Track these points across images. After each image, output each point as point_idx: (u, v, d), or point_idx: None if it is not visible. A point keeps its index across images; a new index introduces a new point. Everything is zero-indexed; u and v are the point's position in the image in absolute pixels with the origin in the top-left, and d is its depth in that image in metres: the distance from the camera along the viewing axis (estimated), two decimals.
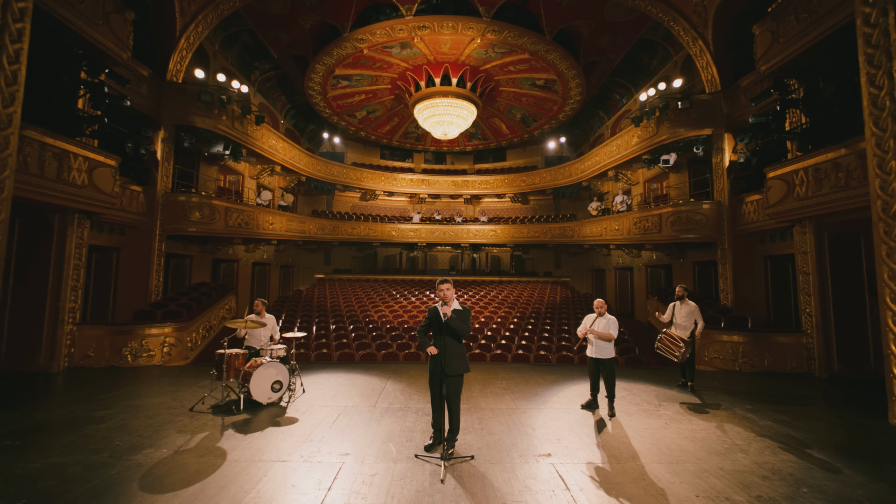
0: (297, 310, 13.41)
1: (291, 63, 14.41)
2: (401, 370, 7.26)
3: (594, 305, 5.23)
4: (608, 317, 5.11)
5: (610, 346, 5.05)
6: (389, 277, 19.30)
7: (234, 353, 5.19)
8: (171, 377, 6.64)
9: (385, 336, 10.42)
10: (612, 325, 5.04)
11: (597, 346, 5.07)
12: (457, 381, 3.78)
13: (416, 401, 5.40)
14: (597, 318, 5.15)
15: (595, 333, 5.04)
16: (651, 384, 6.46)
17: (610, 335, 4.99)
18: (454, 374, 3.72)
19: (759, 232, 9.28)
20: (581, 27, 12.52)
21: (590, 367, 5.22)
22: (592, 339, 5.11)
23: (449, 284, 3.80)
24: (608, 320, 5.08)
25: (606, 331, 5.02)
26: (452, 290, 3.83)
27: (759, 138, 8.64)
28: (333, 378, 6.59)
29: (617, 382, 5.01)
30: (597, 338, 5.06)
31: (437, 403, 3.80)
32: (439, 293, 3.78)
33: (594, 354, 5.09)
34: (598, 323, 5.14)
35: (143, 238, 9.50)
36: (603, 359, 5.05)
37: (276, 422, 4.48)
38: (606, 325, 5.06)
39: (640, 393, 5.90)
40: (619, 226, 13.73)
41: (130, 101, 8.86)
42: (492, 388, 6.04)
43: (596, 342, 5.08)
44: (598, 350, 5.07)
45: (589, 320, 5.21)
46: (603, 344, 5.05)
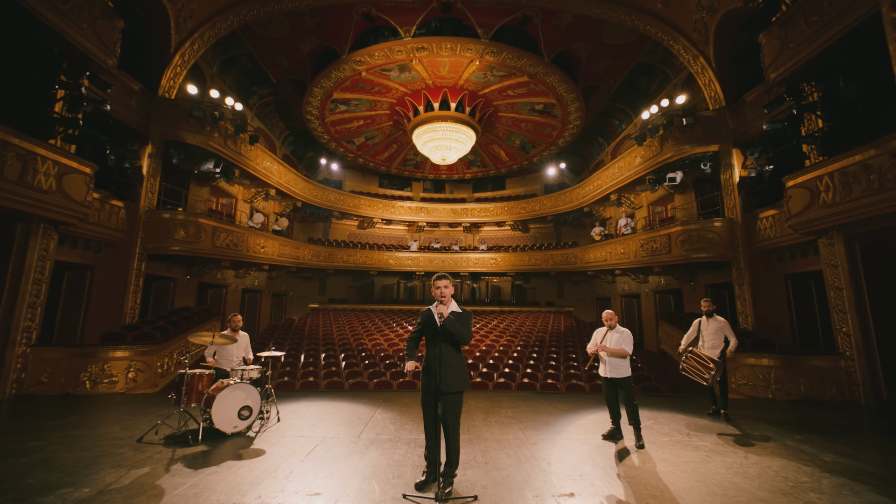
0: (286, 338, 12.61)
1: (290, 88, 14.39)
2: (393, 398, 6.46)
3: (603, 318, 4.60)
4: (621, 330, 4.47)
5: (625, 364, 4.38)
6: (386, 307, 18.56)
7: (198, 374, 4.47)
8: (132, 405, 5.84)
9: (378, 364, 9.60)
10: (626, 339, 4.41)
11: (610, 364, 4.40)
12: (455, 400, 3.08)
13: (409, 430, 4.62)
14: (608, 333, 4.51)
15: (607, 350, 4.41)
16: (676, 412, 5.66)
17: (624, 351, 4.36)
18: (451, 390, 3.03)
19: (778, 249, 8.72)
20: (579, 51, 12.55)
21: (605, 390, 4.53)
22: (605, 356, 4.45)
23: (447, 281, 3.19)
24: (621, 334, 4.45)
25: (619, 346, 4.40)
26: (451, 288, 3.21)
27: (771, 149, 8.27)
28: (316, 406, 5.79)
29: (639, 411, 4.27)
30: (610, 354, 4.41)
31: (432, 429, 3.08)
32: (435, 291, 3.16)
33: (608, 374, 4.42)
34: (609, 338, 4.50)
35: (121, 257, 8.91)
36: (619, 378, 4.38)
37: (237, 454, 3.71)
38: (619, 339, 4.43)
39: (666, 422, 5.12)
40: (625, 249, 13.19)
41: (118, 115, 8.61)
42: (496, 417, 5.26)
43: (609, 360, 4.42)
44: (612, 368, 4.40)
45: (599, 335, 4.56)
46: (617, 361, 4.39)
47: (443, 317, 3.01)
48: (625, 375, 4.35)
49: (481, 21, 11.23)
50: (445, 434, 3.05)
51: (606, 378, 4.45)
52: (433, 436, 3.09)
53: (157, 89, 9.53)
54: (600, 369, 4.53)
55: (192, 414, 4.52)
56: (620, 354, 4.35)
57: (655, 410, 5.74)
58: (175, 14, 9.15)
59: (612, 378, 4.40)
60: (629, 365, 4.41)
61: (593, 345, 4.54)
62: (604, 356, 4.45)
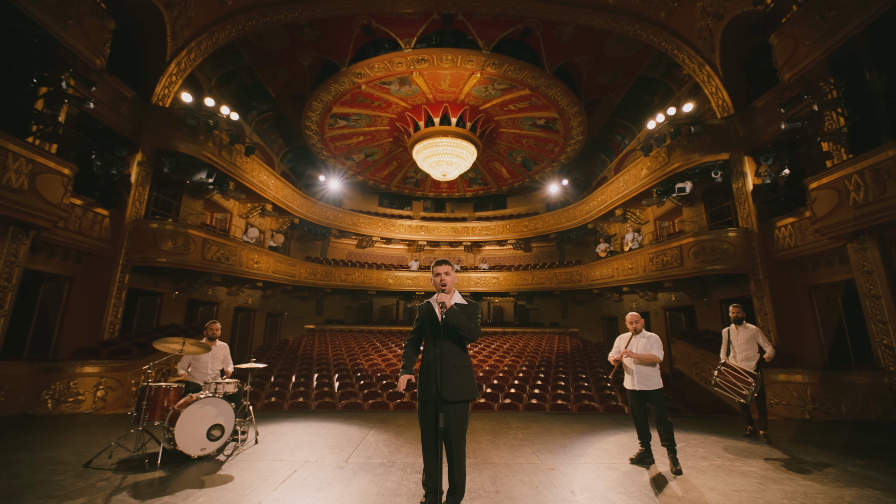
0: (278, 358, 11.95)
1: (289, 103, 14.27)
2: (389, 419, 5.81)
3: (627, 321, 4.01)
4: (647, 334, 3.89)
5: (656, 373, 3.78)
6: (385, 328, 17.89)
7: (164, 387, 3.89)
8: (96, 427, 5.20)
9: (375, 384, 8.93)
10: (655, 344, 3.82)
11: (638, 375, 3.79)
12: (460, 412, 2.52)
13: (405, 454, 4.00)
14: (633, 338, 3.92)
15: (634, 356, 3.80)
16: (707, 433, 5.02)
17: (654, 357, 3.75)
18: (456, 398, 2.48)
19: (799, 259, 8.22)
20: (581, 64, 12.45)
21: (632, 405, 3.89)
22: (631, 364, 3.85)
23: (448, 267, 2.69)
24: (648, 339, 3.87)
25: (648, 351, 3.79)
26: (454, 275, 2.71)
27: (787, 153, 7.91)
28: (302, 427, 5.16)
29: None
30: (637, 362, 3.81)
31: (432, 449, 2.51)
32: (435, 279, 2.66)
33: (636, 385, 3.80)
34: (635, 343, 3.90)
35: (103, 268, 8.41)
36: (649, 391, 3.75)
37: (199, 481, 3.11)
38: (647, 344, 3.84)
39: (699, 444, 4.48)
40: (633, 264, 12.67)
41: (108, 121, 8.31)
42: (505, 439, 4.62)
43: (636, 369, 3.81)
44: (640, 379, 3.78)
45: (623, 341, 3.97)
46: (646, 370, 3.78)
47: (444, 307, 2.49)
48: (656, 387, 3.75)
49: (482, 33, 11.14)
50: (448, 455, 2.48)
51: (634, 391, 3.84)
52: (433, 457, 2.51)
53: (150, 97, 9.29)
54: (626, 381, 3.92)
55: (153, 434, 3.91)
56: (650, 361, 3.77)
57: (683, 432, 5.09)
58: (171, 21, 9.01)
59: (640, 391, 3.79)
60: (660, 375, 3.80)
61: (616, 352, 3.96)
62: (630, 365, 3.85)
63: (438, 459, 2.49)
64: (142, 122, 9.11)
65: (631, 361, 3.83)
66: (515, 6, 10.27)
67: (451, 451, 2.46)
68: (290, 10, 10.06)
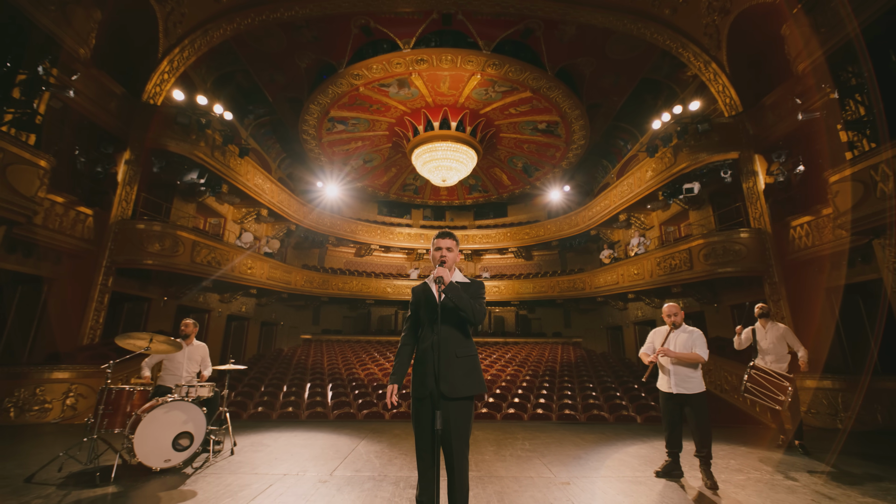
0: (271, 367, 11.44)
1: (286, 107, 14.03)
2: (383, 429, 5.33)
3: (664, 313, 3.53)
4: (688, 329, 3.40)
5: (697, 375, 3.29)
6: (384, 339, 17.37)
7: (127, 390, 3.44)
8: (58, 437, 4.72)
9: (371, 394, 8.43)
10: (699, 341, 3.32)
11: (676, 376, 3.30)
12: (462, 411, 2.08)
13: (399, 466, 3.53)
14: (670, 333, 3.44)
15: (673, 355, 3.29)
16: (735, 444, 4.54)
17: (697, 356, 3.25)
18: (457, 395, 2.05)
19: (817, 259, 7.81)
20: (583, 66, 12.23)
21: (666, 410, 3.39)
22: (668, 364, 3.36)
23: (452, 243, 2.29)
24: (690, 334, 3.37)
25: (689, 349, 3.30)
26: (456, 252, 2.31)
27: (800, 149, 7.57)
28: (286, 437, 4.68)
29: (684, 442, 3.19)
30: (675, 362, 3.33)
31: (428, 457, 2.07)
32: (435, 253, 2.26)
33: (673, 388, 3.30)
34: (674, 339, 3.40)
35: (85, 269, 7.99)
36: (689, 394, 3.25)
37: (155, 498, 2.65)
38: (689, 340, 3.34)
39: (728, 455, 4.01)
40: (639, 269, 12.26)
41: (94, 117, 7.99)
42: (511, 450, 4.15)
43: (674, 369, 3.31)
44: (678, 381, 3.28)
45: (658, 336, 3.49)
46: (686, 371, 3.28)
47: (443, 283, 2.07)
48: (697, 391, 3.24)
49: (482, 33, 10.94)
50: (448, 465, 2.04)
51: (670, 394, 3.33)
52: (429, 467, 2.07)
53: (141, 95, 9.01)
54: (660, 382, 3.43)
55: (111, 443, 3.44)
56: (692, 361, 3.26)
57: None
58: (164, 17, 8.78)
59: (678, 394, 3.28)
60: (702, 378, 3.30)
61: (650, 349, 3.46)
62: (666, 364, 3.36)
63: (436, 471, 2.05)
64: (131, 119, 8.81)
65: (668, 360, 3.34)
66: (516, 5, 10.07)
67: (452, 459, 2.02)
68: (287, 9, 9.85)
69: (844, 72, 6.24)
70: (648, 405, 7.62)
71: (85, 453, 3.30)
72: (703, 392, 3.22)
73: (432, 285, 2.23)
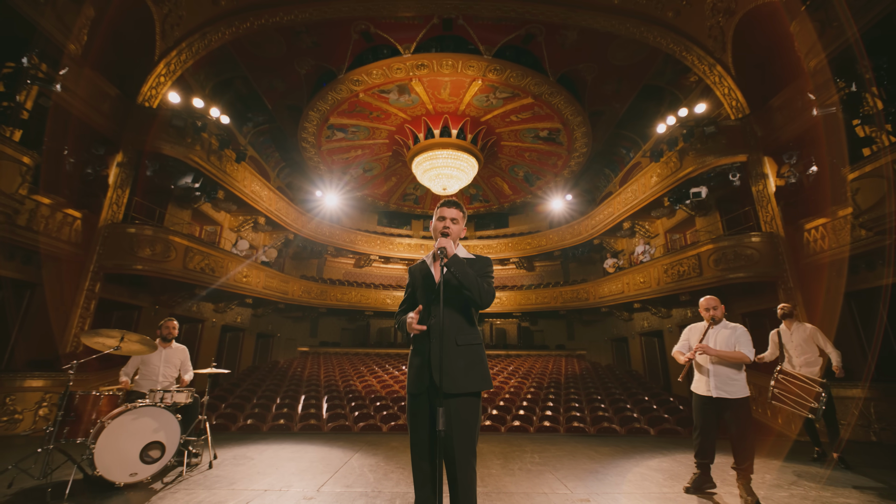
0: (265, 379, 11.02)
1: (286, 114, 13.91)
2: (379, 441, 4.94)
3: (701, 307, 3.16)
4: (731, 325, 3.03)
5: (740, 377, 2.92)
6: (382, 351, 16.95)
7: (93, 395, 3.10)
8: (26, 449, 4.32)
9: (368, 406, 8.02)
10: (743, 338, 2.95)
11: (716, 377, 2.92)
12: (466, 409, 1.74)
13: (395, 481, 3.16)
14: (709, 329, 3.06)
15: (713, 352, 2.91)
16: (765, 457, 4.15)
17: (741, 356, 2.87)
18: (460, 390, 1.72)
19: (835, 263, 7.48)
20: (585, 72, 12.12)
21: (701, 415, 2.99)
22: (707, 363, 2.99)
23: (459, 213, 1.99)
24: (733, 330, 3.00)
25: (730, 347, 2.92)
26: (462, 225, 2.00)
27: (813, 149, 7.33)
28: (273, 450, 4.29)
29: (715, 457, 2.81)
30: (715, 361, 2.94)
31: (425, 466, 1.72)
32: (438, 225, 1.95)
33: (712, 391, 2.91)
34: (714, 336, 3.03)
35: (71, 274, 7.68)
36: (730, 399, 2.87)
37: None
38: (731, 337, 2.96)
39: (762, 469, 3.63)
40: (645, 277, 11.92)
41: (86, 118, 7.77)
42: (520, 464, 3.77)
43: (714, 369, 2.93)
44: (718, 383, 2.89)
45: (695, 333, 3.12)
46: (728, 372, 2.90)
47: (445, 255, 1.76)
48: (740, 395, 2.87)
49: (483, 37, 10.85)
50: (450, 475, 1.69)
51: (708, 398, 2.95)
52: (427, 479, 1.72)
53: (136, 97, 8.83)
54: (698, 384, 3.04)
55: (70, 454, 3.06)
56: (735, 361, 2.89)
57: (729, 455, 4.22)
58: (161, 19, 8.67)
59: (717, 398, 2.91)
60: (745, 380, 2.92)
61: (685, 347, 3.10)
62: (705, 363, 2.98)
63: (436, 483, 1.70)
64: (125, 122, 8.61)
65: (707, 359, 2.97)
66: (517, 9, 9.99)
67: (455, 469, 1.67)
68: (286, 13, 9.77)
69: (860, 65, 6.03)
70: (661, 417, 7.21)
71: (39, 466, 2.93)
72: (746, 397, 2.85)
73: (431, 264, 1.92)
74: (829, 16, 6.16)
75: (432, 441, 1.67)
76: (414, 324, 1.76)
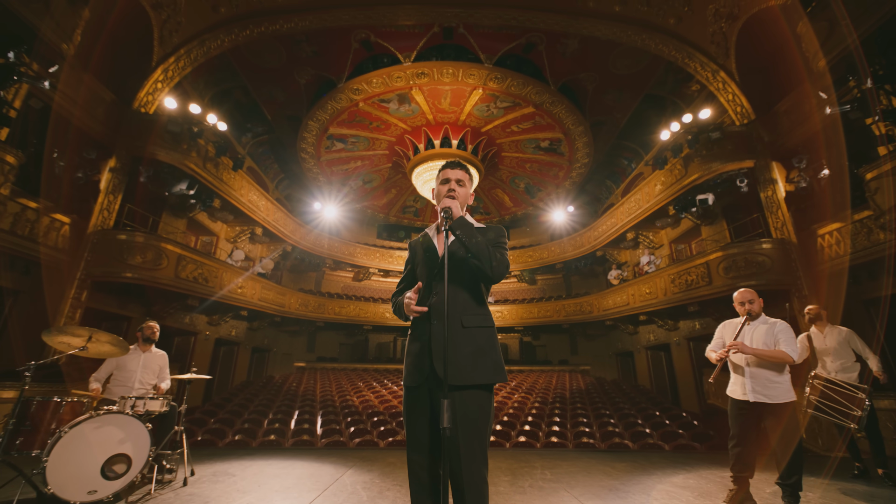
0: (258, 394, 10.59)
1: (285, 125, 13.82)
2: (375, 457, 4.55)
3: (736, 301, 2.84)
4: (770, 320, 2.71)
5: (784, 380, 2.58)
6: (381, 367, 16.49)
7: (54, 402, 2.77)
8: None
9: (365, 422, 7.61)
10: (783, 335, 2.61)
11: (754, 379, 2.58)
12: (477, 404, 1.44)
13: (391, 500, 2.80)
14: (745, 325, 2.74)
15: (749, 351, 2.57)
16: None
17: (783, 354, 2.53)
18: (468, 382, 1.41)
19: (852, 269, 7.19)
20: (586, 81, 12.07)
21: (735, 422, 2.64)
22: (742, 362, 2.65)
23: (464, 173, 1.71)
24: (772, 326, 2.67)
25: (770, 345, 2.59)
26: (469, 189, 1.73)
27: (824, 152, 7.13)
28: (258, 466, 3.91)
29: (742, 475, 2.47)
30: (757, 361, 2.60)
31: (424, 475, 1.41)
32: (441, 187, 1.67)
33: (749, 394, 2.58)
34: (749, 332, 2.70)
35: (57, 282, 7.37)
36: (773, 404, 2.53)
37: None
38: (770, 334, 2.64)
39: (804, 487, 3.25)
40: (651, 288, 11.60)
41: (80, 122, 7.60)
42: (530, 480, 3.40)
43: (751, 371, 2.60)
44: (757, 385, 2.56)
45: (730, 329, 2.80)
46: (767, 374, 2.57)
47: (449, 216, 1.47)
48: (783, 400, 2.53)
49: (484, 46, 10.82)
50: (456, 485, 1.37)
51: (744, 403, 2.60)
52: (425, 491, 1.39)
53: (132, 102, 8.70)
54: (733, 387, 2.70)
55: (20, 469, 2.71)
56: (775, 360, 2.55)
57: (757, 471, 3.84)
58: (159, 25, 8.60)
59: (756, 403, 2.57)
60: (790, 382, 2.58)
61: (720, 345, 2.77)
62: (740, 362, 2.65)
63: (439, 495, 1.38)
64: (119, 127, 8.44)
65: (742, 358, 2.64)
66: (518, 17, 9.97)
67: (461, 478, 1.35)
68: (286, 21, 9.74)
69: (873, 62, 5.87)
70: (675, 433, 6.80)
71: None
72: (791, 402, 2.51)
73: (435, 235, 1.64)
74: (838, 14, 6.04)
75: (434, 444, 1.35)
76: (413, 304, 1.47)
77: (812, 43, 6.57)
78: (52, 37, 6.02)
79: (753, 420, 2.63)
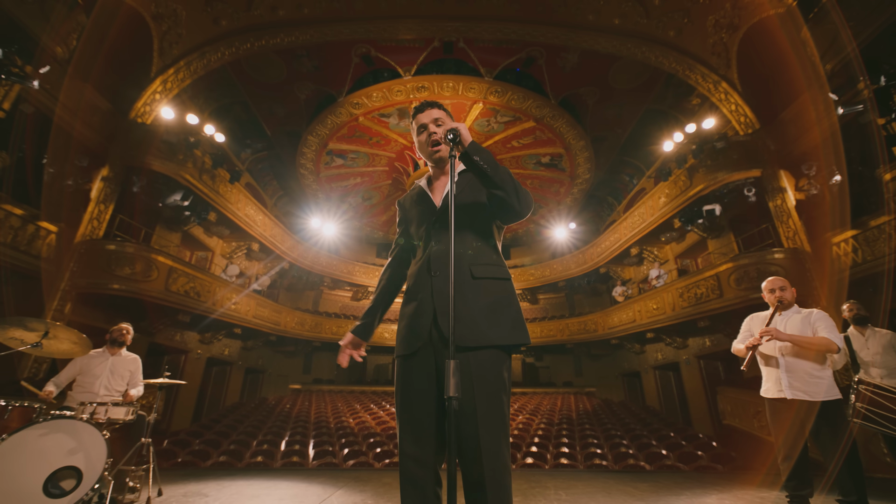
0: (249, 416, 10.07)
1: (285, 140, 13.78)
2: (369, 478, 4.11)
3: (765, 289, 2.51)
4: (804, 310, 2.40)
5: (826, 374, 2.24)
6: (380, 389, 15.91)
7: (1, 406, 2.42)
8: None
9: (360, 443, 7.11)
10: (821, 322, 2.30)
11: (790, 373, 2.24)
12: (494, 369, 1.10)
13: None
14: (775, 313, 2.39)
15: (785, 337, 2.23)
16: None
17: (826, 342, 2.20)
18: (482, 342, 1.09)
19: (871, 278, 6.87)
20: (586, 96, 12.09)
21: (776, 426, 2.28)
22: (776, 353, 2.31)
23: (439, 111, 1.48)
24: (807, 316, 2.36)
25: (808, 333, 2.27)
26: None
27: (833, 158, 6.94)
28: (236, 486, 3.49)
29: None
30: (789, 351, 2.26)
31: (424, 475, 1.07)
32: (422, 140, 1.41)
33: (784, 390, 2.23)
34: (781, 323, 2.38)
35: (40, 293, 7.04)
36: (813, 402, 2.19)
37: None
38: (806, 323, 2.33)
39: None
40: (659, 303, 11.22)
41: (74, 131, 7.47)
42: (544, 501, 2.99)
43: (787, 363, 2.25)
44: (792, 380, 2.21)
45: (758, 320, 2.47)
46: (806, 366, 2.23)
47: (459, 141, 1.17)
48: (829, 397, 2.18)
49: (484, 60, 10.86)
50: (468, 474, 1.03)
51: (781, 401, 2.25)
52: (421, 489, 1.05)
53: (128, 112, 8.59)
54: (765, 387, 2.35)
55: None
56: (816, 349, 2.21)
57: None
58: (159, 36, 8.60)
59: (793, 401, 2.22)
60: (833, 379, 2.23)
61: (747, 338, 2.42)
62: (773, 353, 2.30)
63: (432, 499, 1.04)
64: (114, 136, 8.30)
65: (776, 348, 2.29)
66: (518, 31, 10.02)
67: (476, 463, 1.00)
68: (287, 34, 9.77)
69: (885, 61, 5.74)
70: (694, 454, 6.31)
71: None
72: (838, 399, 2.17)
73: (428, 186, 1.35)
74: (844, 17, 5.96)
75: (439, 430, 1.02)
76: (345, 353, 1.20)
77: (820, 45, 6.49)
78: (46, 39, 5.92)
79: (798, 421, 2.23)
